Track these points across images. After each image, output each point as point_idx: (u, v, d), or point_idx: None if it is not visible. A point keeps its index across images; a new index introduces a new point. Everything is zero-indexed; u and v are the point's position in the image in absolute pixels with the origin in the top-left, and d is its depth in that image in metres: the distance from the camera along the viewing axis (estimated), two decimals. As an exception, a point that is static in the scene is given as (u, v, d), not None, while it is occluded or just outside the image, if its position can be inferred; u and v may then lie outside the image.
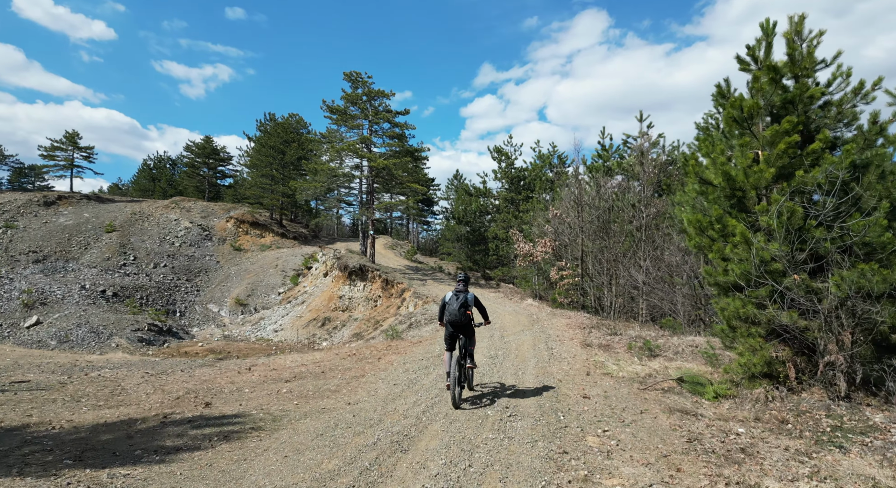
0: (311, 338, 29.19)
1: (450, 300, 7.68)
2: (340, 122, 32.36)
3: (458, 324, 7.56)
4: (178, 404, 7.38)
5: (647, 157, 20.80)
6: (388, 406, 7.32)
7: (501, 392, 8.15)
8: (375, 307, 30.75)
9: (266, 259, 43.75)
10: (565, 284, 20.92)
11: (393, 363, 10.54)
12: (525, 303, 23.20)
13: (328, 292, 33.03)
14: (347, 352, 12.19)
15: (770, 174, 7.53)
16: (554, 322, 16.78)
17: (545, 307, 21.63)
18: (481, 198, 38.49)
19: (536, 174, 37.11)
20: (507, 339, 13.58)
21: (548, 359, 10.96)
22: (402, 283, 30.08)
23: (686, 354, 11.53)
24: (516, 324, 16.66)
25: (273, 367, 10.64)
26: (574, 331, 14.59)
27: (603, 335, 13.82)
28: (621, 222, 20.07)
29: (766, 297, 7.48)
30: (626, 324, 16.23)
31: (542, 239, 24.04)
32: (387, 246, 48.39)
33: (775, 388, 7.52)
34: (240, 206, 50.74)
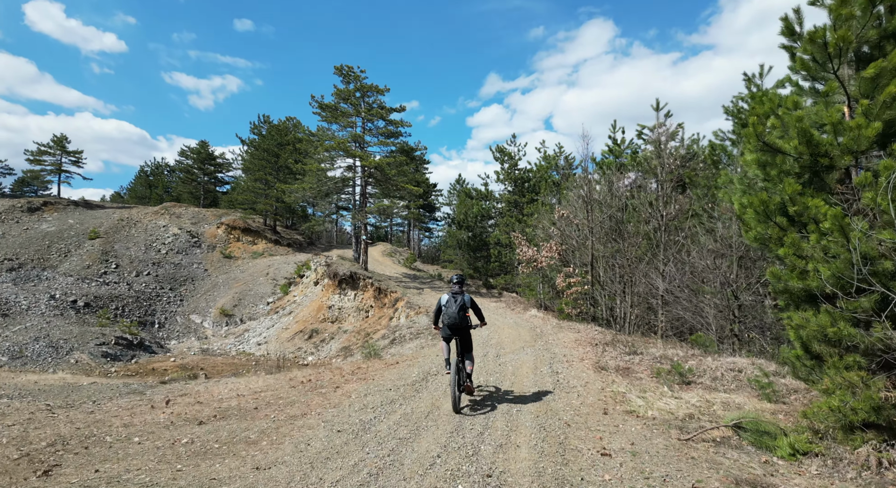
0: (297, 352, 26.84)
1: (447, 303, 7.44)
2: (331, 119, 30.20)
3: (456, 327, 7.36)
4: (13, 469, 5.06)
5: (666, 150, 18.43)
6: (313, 474, 4.95)
7: (487, 438, 5.78)
8: (367, 318, 28.40)
9: (257, 267, 41.58)
10: (573, 293, 18.51)
11: (351, 395, 8.17)
12: (528, 314, 20.78)
13: (317, 302, 30.72)
14: (302, 378, 9.83)
15: (873, 131, 5.15)
16: (560, 337, 14.36)
17: (551, 319, 19.20)
18: (483, 201, 36.16)
19: (542, 176, 34.79)
20: (504, 360, 11.18)
21: (553, 387, 8.55)
22: (395, 292, 27.73)
23: (727, 381, 9.09)
24: (516, 339, 14.25)
25: (199, 399, 8.31)
26: (584, 349, 12.16)
27: (620, 354, 11.39)
28: (637, 222, 17.67)
29: (870, 311, 5.08)
30: (644, 339, 13.78)
31: (547, 243, 21.65)
32: (385, 253, 46.11)
33: (890, 446, 5.09)
34: (232, 212, 48.68)
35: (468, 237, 35.85)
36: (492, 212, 36.68)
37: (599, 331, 15.53)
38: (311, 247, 49.14)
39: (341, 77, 30.20)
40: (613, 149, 22.32)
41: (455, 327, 7.35)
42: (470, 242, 35.57)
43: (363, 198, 30.75)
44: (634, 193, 18.99)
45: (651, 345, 12.82)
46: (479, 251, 35.84)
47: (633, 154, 20.46)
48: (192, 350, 26.79)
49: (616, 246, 18.39)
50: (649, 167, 18.71)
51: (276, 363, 24.96)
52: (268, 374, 14.86)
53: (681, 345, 12.61)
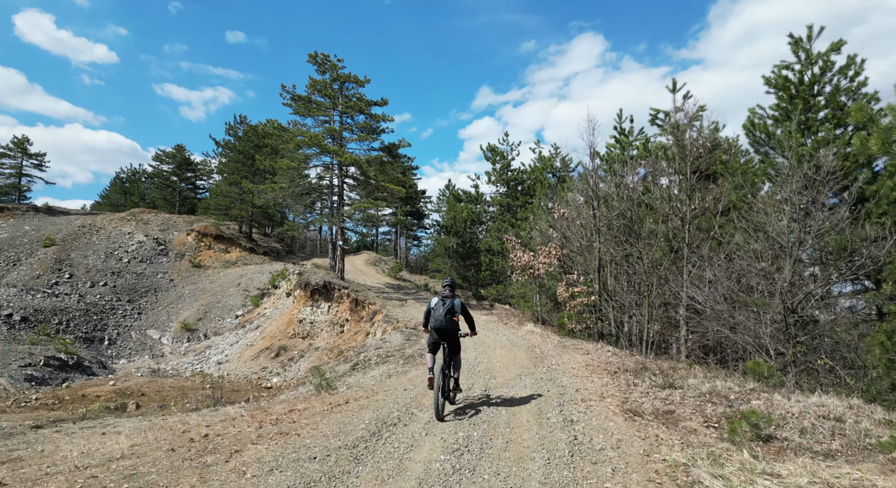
0: (261, 373, 23.62)
1: (435, 305, 7.28)
2: (305, 112, 27.24)
3: (443, 331, 7.17)
4: None
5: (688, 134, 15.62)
6: None
7: None
8: (342, 333, 25.25)
9: (228, 277, 38.31)
10: (577, 305, 15.52)
11: (247, 471, 5.09)
12: (524, 330, 17.77)
13: (287, 315, 27.53)
14: (196, 434, 6.70)
15: None
16: (566, 360, 11.36)
17: (550, 335, 16.20)
18: (473, 204, 33.24)
19: (537, 177, 31.97)
20: (496, 397, 8.15)
21: (570, 452, 5.53)
22: (374, 304, 24.65)
23: (824, 436, 6.11)
24: (511, 363, 11.24)
25: (15, 470, 5.21)
26: (602, 380, 9.15)
27: (651, 388, 8.40)
28: (654, 221, 14.76)
29: None
30: (674, 364, 10.79)
31: (545, 246, 18.72)
32: (369, 262, 43.01)
33: None
34: (205, 219, 45.44)
35: (457, 244, 32.88)
36: (483, 217, 33.76)
37: (612, 351, 12.53)
38: (289, 256, 45.93)
39: (316, 66, 27.33)
40: (621, 141, 19.48)
41: (442, 331, 7.16)
42: (459, 249, 32.61)
43: (340, 199, 27.73)
44: (649, 187, 16.13)
45: (685, 371, 9.83)
46: (468, 259, 32.88)
47: (645, 143, 17.62)
48: (141, 370, 23.48)
49: (630, 248, 15.47)
50: (666, 157, 15.86)
51: (235, 385, 21.74)
52: (193, 411, 11.79)
53: (725, 373, 9.63)
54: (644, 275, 14.31)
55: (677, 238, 13.87)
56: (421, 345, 12.84)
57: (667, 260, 14.20)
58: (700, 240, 13.73)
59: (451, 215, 34.04)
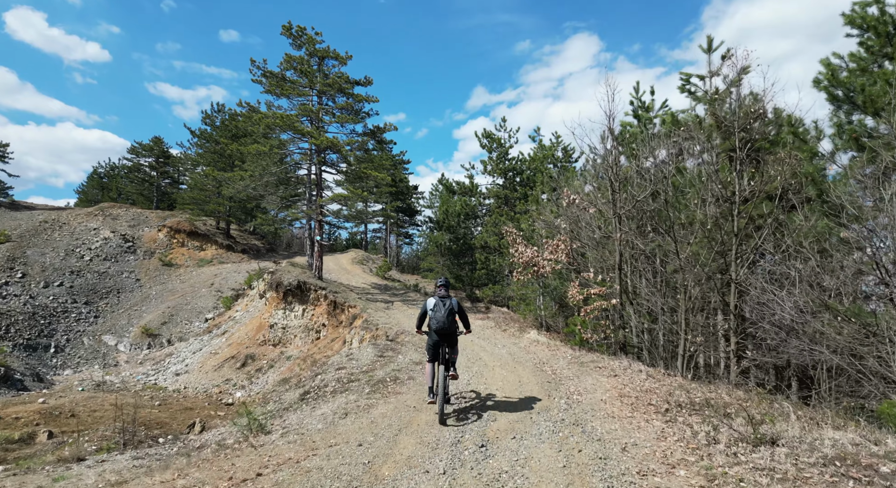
0: (223, 386, 20.57)
1: (434, 307, 7.19)
2: (278, 91, 24.18)
3: (444, 333, 7.09)
4: None
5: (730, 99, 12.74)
6: None
7: None
8: (317, 339, 22.23)
9: (201, 276, 35.21)
10: (594, 310, 12.55)
11: None
12: (527, 339, 14.82)
13: (257, 319, 24.47)
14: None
15: None
16: (589, 385, 8.42)
17: (560, 346, 13.24)
18: (467, 196, 30.25)
19: (537, 167, 29.07)
20: (496, 460, 5.18)
21: None
22: (354, 307, 21.65)
23: None
24: (515, 388, 8.31)
25: None
26: (653, 425, 6.20)
27: (737, 443, 5.45)
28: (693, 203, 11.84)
29: None
30: (742, 395, 7.86)
31: (551, 240, 15.77)
32: (355, 260, 39.95)
33: None
34: (179, 214, 42.26)
35: (449, 240, 29.91)
36: (478, 210, 30.78)
37: (646, 372, 9.58)
38: (271, 254, 42.82)
39: (291, 39, 24.28)
40: (640, 116, 16.55)
41: (443, 332, 7.07)
42: (452, 246, 29.64)
43: (318, 189, 24.70)
44: (681, 167, 13.21)
45: (766, 407, 6.89)
46: (462, 257, 29.93)
47: (671, 117, 14.69)
48: (84, 383, 20.37)
49: (657, 240, 12.54)
50: (701, 129, 12.93)
51: (190, 400, 18.65)
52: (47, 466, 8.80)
53: (832, 416, 6.69)
54: (680, 273, 11.36)
55: (724, 227, 10.95)
56: (397, 363, 9.90)
57: (709, 254, 11.27)
58: (753, 228, 10.82)
59: (443, 209, 31.08)
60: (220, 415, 17.03)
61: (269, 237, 46.16)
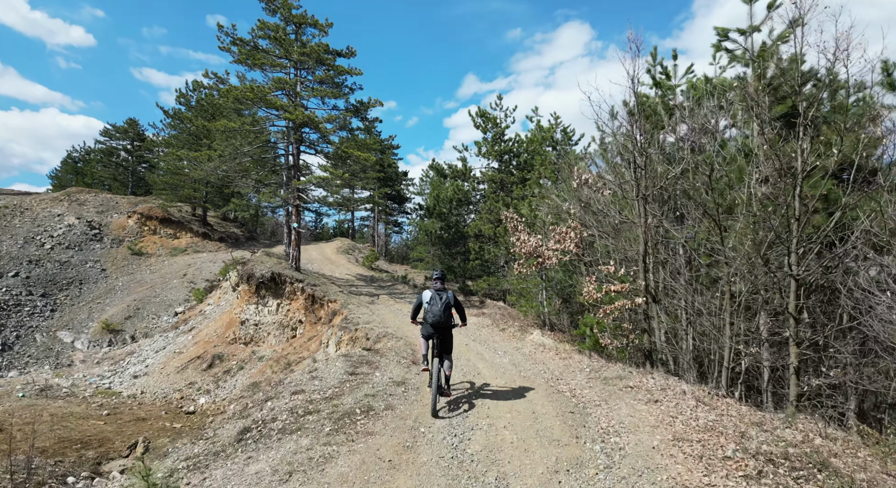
0: (186, 391, 18.32)
1: (431, 300, 7.12)
2: (250, 62, 21.62)
3: (440, 326, 7.09)
4: None
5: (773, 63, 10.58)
6: None
7: None
8: (293, 337, 20.01)
9: (174, 266, 32.75)
10: (616, 310, 10.37)
11: None
12: (530, 342, 12.69)
13: (228, 315, 22.16)
14: None
15: None
16: (624, 417, 6.28)
17: (572, 353, 11.11)
18: (460, 180, 27.95)
19: (535, 149, 26.85)
20: None
21: None
22: (335, 302, 19.42)
23: None
24: (530, 425, 6.12)
25: None
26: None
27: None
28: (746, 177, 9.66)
29: None
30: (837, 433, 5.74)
31: (558, 227, 13.56)
32: (340, 250, 37.58)
33: None
34: (152, 200, 39.60)
35: (440, 228, 27.66)
36: (471, 196, 28.51)
37: (689, 392, 7.45)
38: (250, 243, 40.32)
39: (264, 3, 21.71)
40: (660, 83, 14.30)
41: (439, 326, 7.06)
42: (443, 235, 27.40)
43: (294, 170, 22.28)
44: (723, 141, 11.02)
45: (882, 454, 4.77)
46: (454, 246, 27.70)
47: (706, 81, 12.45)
48: (28, 388, 18.00)
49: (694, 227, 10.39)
50: (745, 95, 10.73)
51: (138, 414, 16.34)
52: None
53: None
54: (724, 266, 9.21)
55: (780, 209, 8.79)
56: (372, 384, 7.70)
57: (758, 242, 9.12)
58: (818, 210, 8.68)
59: (434, 194, 28.78)
60: (177, 428, 14.79)
61: (250, 224, 43.58)
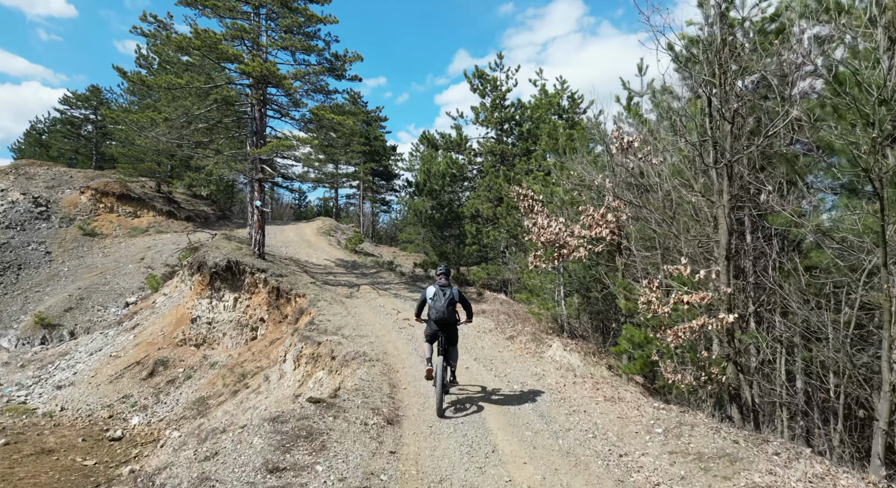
0: (118, 406, 14.90)
1: (434, 296, 6.96)
2: (201, 5, 17.68)
3: (444, 323, 6.89)
4: None
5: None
6: None
7: None
8: (253, 339, 16.58)
9: (130, 249, 29.06)
10: (690, 331, 6.97)
11: None
12: (552, 365, 9.37)
13: (179, 310, 18.63)
14: None
15: None
16: None
17: (620, 390, 7.78)
18: (454, 152, 24.28)
19: (541, 116, 23.24)
20: None
21: None
22: (303, 297, 16.02)
23: None
24: None
25: None
26: None
27: None
28: None
29: None
30: None
31: (591, 207, 10.12)
32: (321, 231, 33.95)
33: None
34: (110, 174, 35.58)
35: (431, 207, 24.11)
36: (466, 171, 24.91)
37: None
38: (222, 223, 36.54)
39: (218, -68, 17.69)
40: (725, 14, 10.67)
41: (443, 322, 6.88)
42: (434, 215, 23.86)
43: (257, 136, 18.57)
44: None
45: None
46: (447, 228, 24.18)
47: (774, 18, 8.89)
48: (-81, 404, 14.50)
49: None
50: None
51: (47, 443, 12.91)
52: None
53: None
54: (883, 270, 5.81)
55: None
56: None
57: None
58: None
59: (425, 169, 25.13)
60: (87, 466, 11.40)
61: (222, 202, 39.66)
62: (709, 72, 7.54)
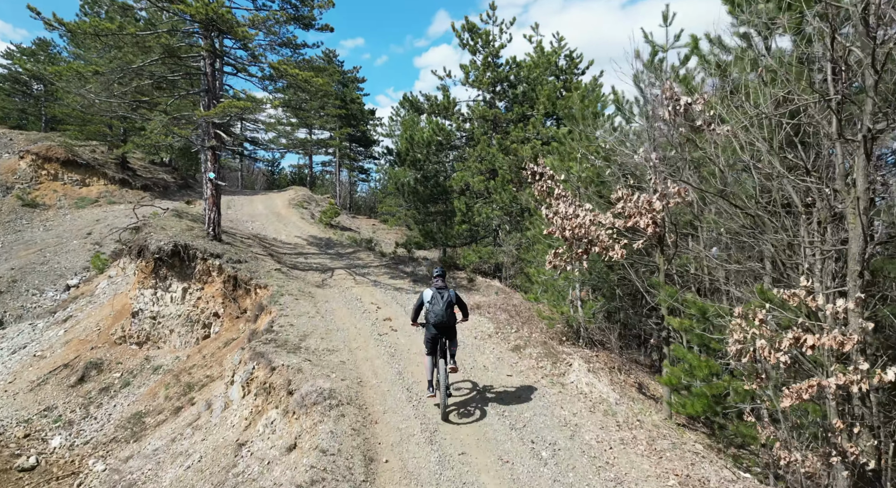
0: (38, 421, 12.34)
1: (432, 299, 6.86)
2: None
3: (444, 326, 6.80)
4: None
5: None
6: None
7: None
8: (206, 338, 14.02)
9: (77, 222, 25.92)
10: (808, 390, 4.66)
11: None
12: (575, 392, 7.21)
13: (118, 300, 15.92)
14: None
15: None
16: None
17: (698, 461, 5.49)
18: (440, 117, 21.41)
19: (538, 77, 20.57)
20: None
21: None
22: (266, 287, 13.47)
23: None
24: None
25: None
26: None
27: None
28: None
29: None
30: None
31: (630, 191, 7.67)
32: (294, 202, 30.92)
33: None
34: (56, 136, 31.85)
35: (415, 180, 21.44)
36: (454, 138, 22.15)
37: None
38: (183, 192, 33.20)
39: None
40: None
41: (443, 326, 6.77)
42: (418, 188, 21.21)
43: (209, 95, 15.57)
44: None
45: None
46: (433, 203, 21.57)
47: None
48: None
49: None
50: None
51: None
52: None
53: None
54: None
55: None
56: None
57: None
58: None
59: (406, 135, 22.34)
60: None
61: (184, 169, 36.18)
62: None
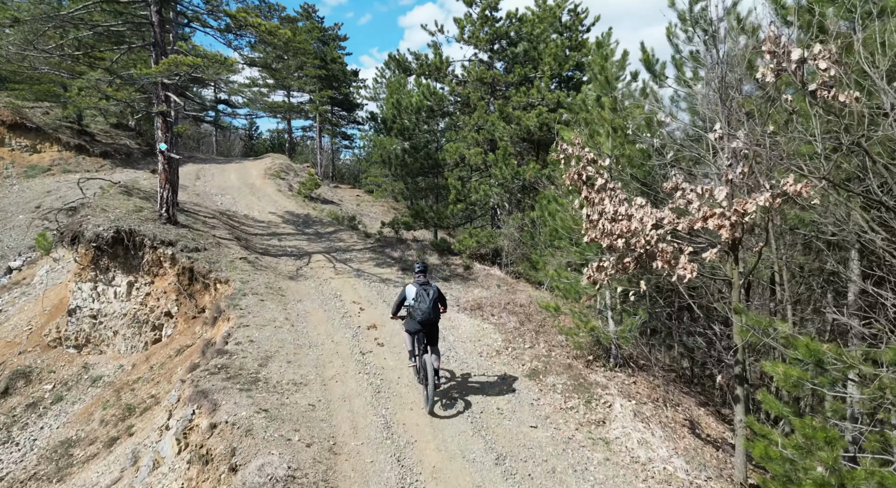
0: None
1: (417, 296, 6.69)
2: None
3: (430, 323, 6.71)
4: None
5: None
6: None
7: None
8: (156, 342, 11.84)
9: (27, 193, 23.26)
10: None
11: None
12: (626, 458, 5.18)
13: (56, 292, 13.60)
14: None
15: None
16: None
17: None
18: (432, 79, 18.80)
19: (542, 33, 18.12)
20: None
21: None
22: (227, 283, 11.28)
23: None
24: None
25: None
26: None
27: None
28: None
29: None
30: None
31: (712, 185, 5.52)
32: (270, 172, 28.21)
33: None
34: (2, 96, 28.59)
35: (403, 150, 19.03)
36: (446, 104, 19.61)
37: None
38: (148, 159, 30.27)
39: None
40: None
41: (428, 322, 6.68)
42: (406, 160, 18.81)
43: (156, 50, 12.90)
44: None
45: None
46: (424, 176, 19.22)
47: None
48: None
49: None
50: None
51: None
52: None
53: None
54: None
55: None
56: None
57: None
58: None
59: (393, 100, 19.80)
60: None
61: (149, 135, 33.12)
62: None
